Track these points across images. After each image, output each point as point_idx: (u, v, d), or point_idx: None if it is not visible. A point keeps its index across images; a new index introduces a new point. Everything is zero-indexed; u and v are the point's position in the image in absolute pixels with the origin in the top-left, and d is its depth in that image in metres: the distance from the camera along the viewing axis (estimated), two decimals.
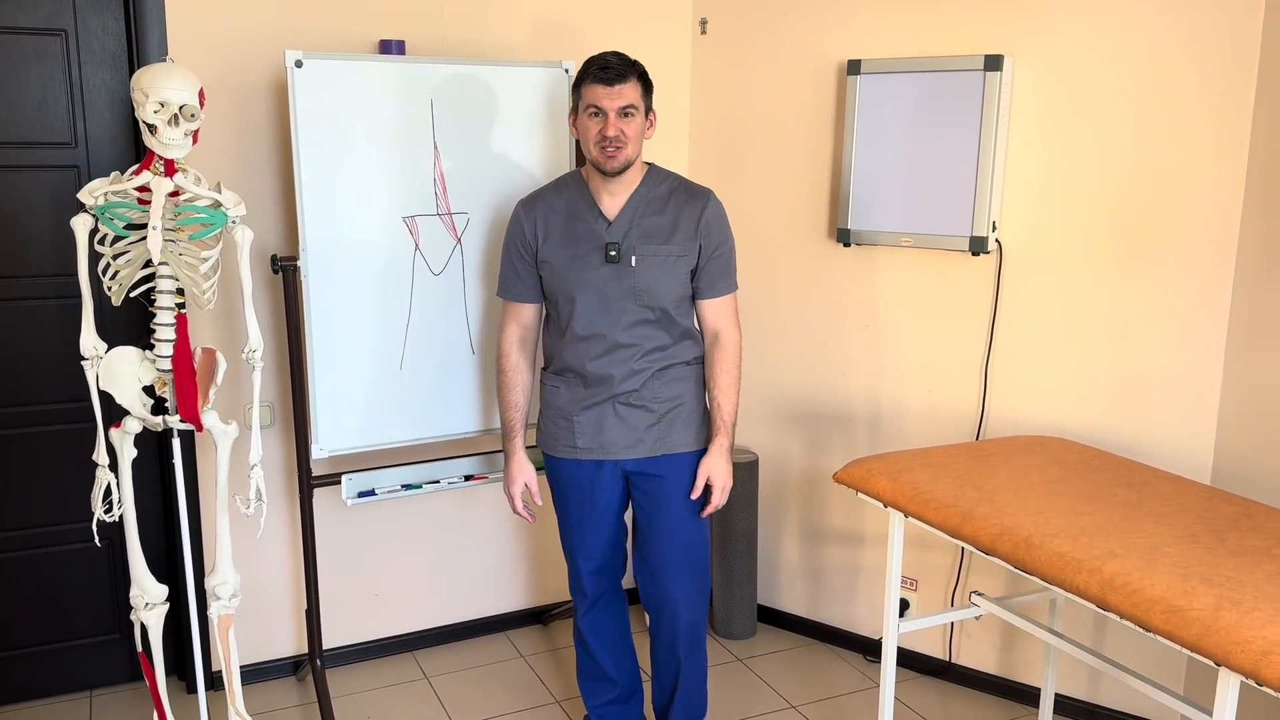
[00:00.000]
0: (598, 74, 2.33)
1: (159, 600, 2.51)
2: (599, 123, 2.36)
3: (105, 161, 2.89)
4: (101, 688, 3.16)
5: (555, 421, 2.58)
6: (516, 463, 2.62)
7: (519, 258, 2.54)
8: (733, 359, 2.53)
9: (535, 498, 2.66)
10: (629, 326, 2.48)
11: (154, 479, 3.08)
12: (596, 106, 2.35)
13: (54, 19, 2.77)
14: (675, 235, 2.46)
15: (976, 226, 2.94)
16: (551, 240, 2.49)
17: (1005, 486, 2.38)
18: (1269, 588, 1.84)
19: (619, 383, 2.50)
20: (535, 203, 2.53)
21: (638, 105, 2.37)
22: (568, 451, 2.57)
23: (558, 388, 2.57)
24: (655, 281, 2.45)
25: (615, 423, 2.52)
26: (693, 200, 2.49)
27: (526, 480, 2.63)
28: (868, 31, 3.14)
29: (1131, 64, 2.76)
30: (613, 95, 2.33)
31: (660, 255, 2.45)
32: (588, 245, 2.46)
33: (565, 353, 2.53)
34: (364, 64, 2.75)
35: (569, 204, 2.49)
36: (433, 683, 3.26)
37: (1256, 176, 2.63)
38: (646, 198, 2.47)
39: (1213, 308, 2.73)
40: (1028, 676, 3.15)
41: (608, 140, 2.35)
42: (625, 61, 2.36)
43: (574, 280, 2.46)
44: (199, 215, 2.30)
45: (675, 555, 2.58)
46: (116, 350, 2.37)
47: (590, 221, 2.47)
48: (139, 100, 2.24)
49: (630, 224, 2.46)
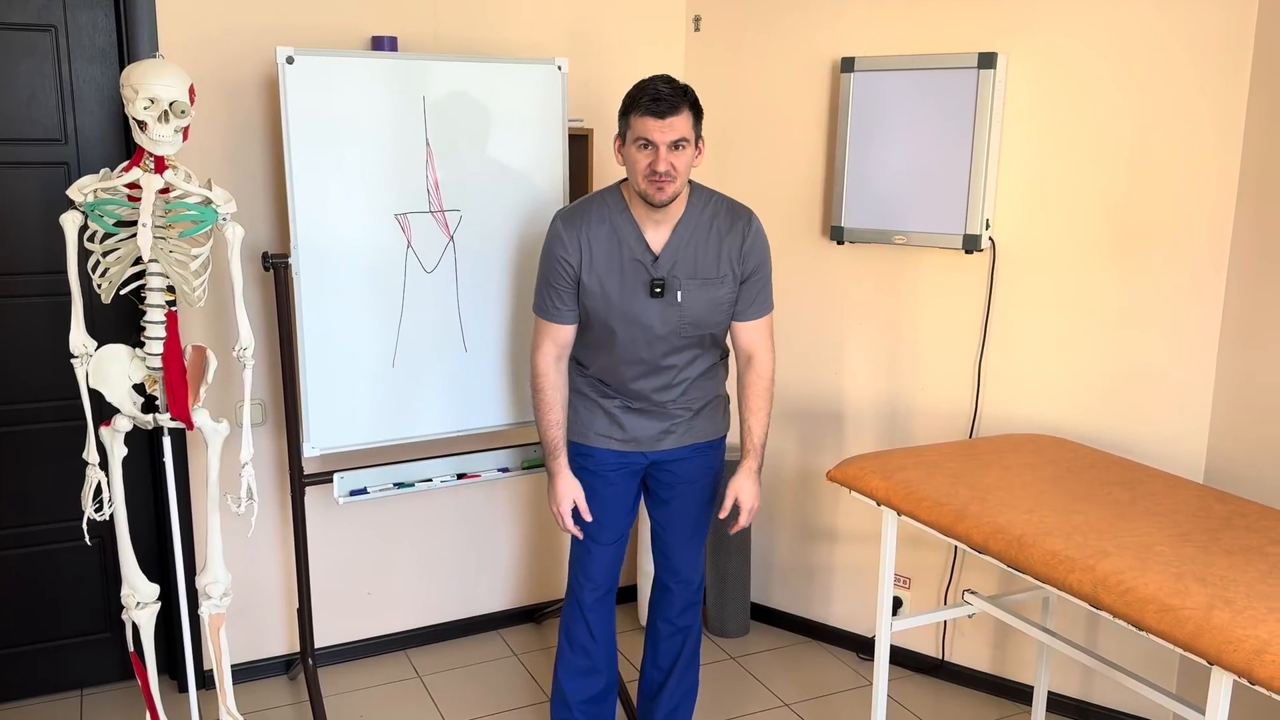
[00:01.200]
0: (649, 105, 2.21)
1: (150, 599, 2.50)
2: (649, 155, 2.25)
3: (95, 158, 2.87)
4: (92, 687, 3.15)
5: (591, 411, 2.54)
6: (564, 479, 2.51)
7: (560, 280, 2.41)
8: (766, 384, 2.51)
9: (585, 514, 2.54)
10: (672, 353, 2.45)
11: (144, 477, 3.07)
12: (647, 139, 2.24)
13: (44, 14, 2.75)
14: (720, 265, 2.41)
15: (970, 224, 2.93)
16: (596, 268, 2.38)
17: (998, 485, 2.38)
18: (1261, 587, 1.84)
19: (653, 394, 2.50)
20: (579, 223, 2.39)
21: (689, 137, 2.26)
22: (602, 441, 2.54)
23: (595, 385, 2.54)
24: (702, 313, 2.42)
25: (649, 421, 2.53)
26: (734, 225, 2.42)
27: (575, 496, 2.52)
28: (861, 29, 3.14)
29: (1125, 62, 2.75)
30: (664, 129, 2.22)
31: (706, 287, 2.41)
32: (633, 278, 2.38)
33: (604, 370, 2.49)
34: (356, 60, 2.74)
35: (613, 229, 2.38)
36: (425, 681, 3.25)
37: (1250, 174, 2.63)
38: (691, 227, 2.39)
39: (1206, 306, 2.73)
40: (1021, 675, 3.15)
41: (658, 175, 2.25)
42: (677, 91, 2.24)
43: (620, 313, 2.39)
44: (189, 212, 2.29)
45: (685, 534, 2.64)
46: (106, 348, 2.36)
47: (637, 253, 2.38)
48: (129, 96, 2.22)
49: (675, 257, 2.38)
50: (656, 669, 2.77)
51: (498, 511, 3.50)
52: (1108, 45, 2.77)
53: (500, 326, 3.05)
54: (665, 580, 2.71)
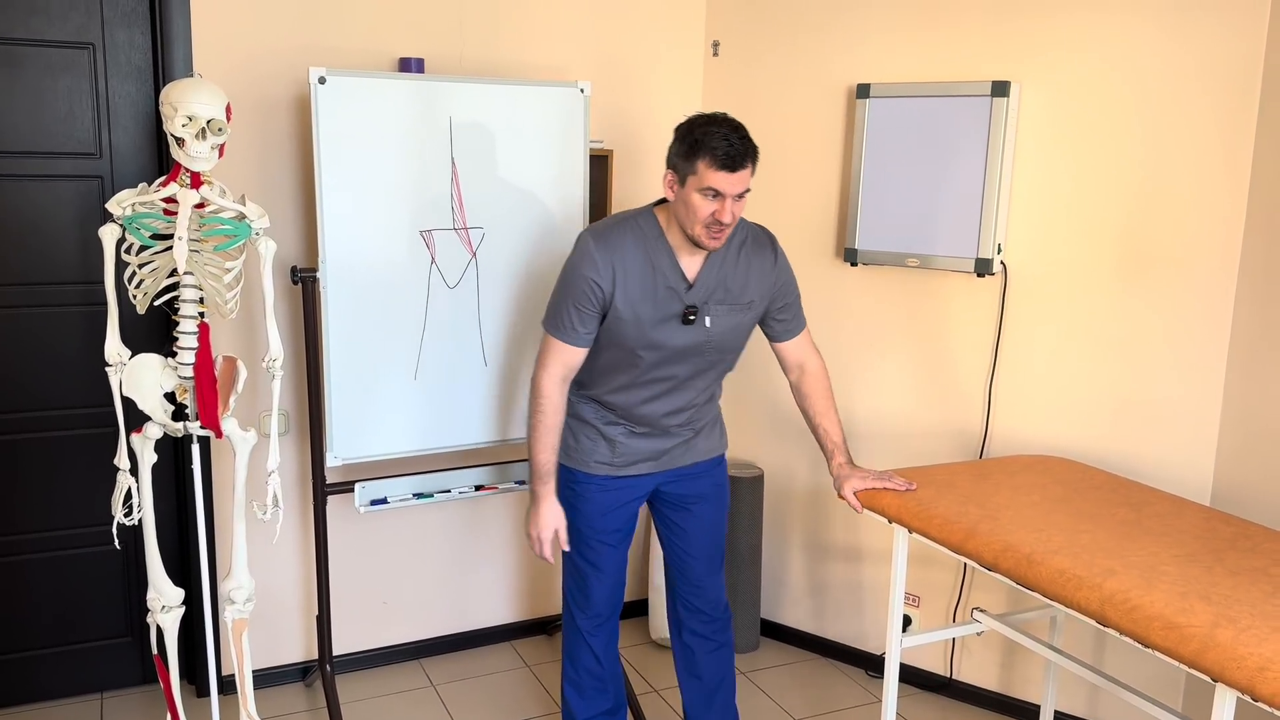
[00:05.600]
0: (724, 160, 2.17)
1: (175, 603, 2.55)
2: (713, 205, 2.21)
3: (129, 173, 2.95)
4: (112, 690, 3.20)
5: (592, 439, 2.52)
6: (550, 506, 2.48)
7: (586, 302, 2.34)
8: (825, 384, 2.56)
9: (563, 544, 2.53)
10: (691, 376, 2.46)
11: (169, 484, 3.13)
12: (716, 190, 2.20)
13: (82, 33, 2.83)
14: (748, 291, 2.43)
15: (982, 248, 2.99)
16: (629, 294, 2.33)
17: (1008, 504, 2.43)
18: (1265, 606, 1.88)
19: (662, 418, 2.49)
20: (613, 246, 2.33)
21: (749, 188, 2.26)
22: (601, 468, 2.52)
23: (598, 410, 2.51)
24: (726, 338, 2.44)
25: (650, 443, 2.52)
26: (760, 252, 2.44)
27: (558, 526, 2.49)
28: (877, 56, 3.21)
29: (1135, 90, 2.81)
30: (736, 181, 2.20)
31: (733, 313, 2.42)
32: (666, 305, 2.35)
33: (616, 393, 2.46)
34: (385, 81, 2.81)
35: (648, 256, 2.34)
36: (439, 690, 3.30)
37: (1258, 201, 2.68)
38: (722, 254, 2.39)
39: (1213, 331, 2.78)
40: (1028, 693, 3.18)
41: (722, 226, 2.24)
42: (747, 140, 2.21)
43: (651, 340, 2.37)
44: (224, 227, 2.36)
45: (703, 550, 2.64)
46: (140, 357, 2.42)
47: (671, 280, 2.35)
48: (168, 113, 2.30)
49: (709, 285, 2.38)
50: (704, 691, 2.74)
51: (512, 524, 3.55)
52: (1119, 74, 2.83)
53: (520, 342, 3.11)
54: (691, 605, 2.69)
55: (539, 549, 2.49)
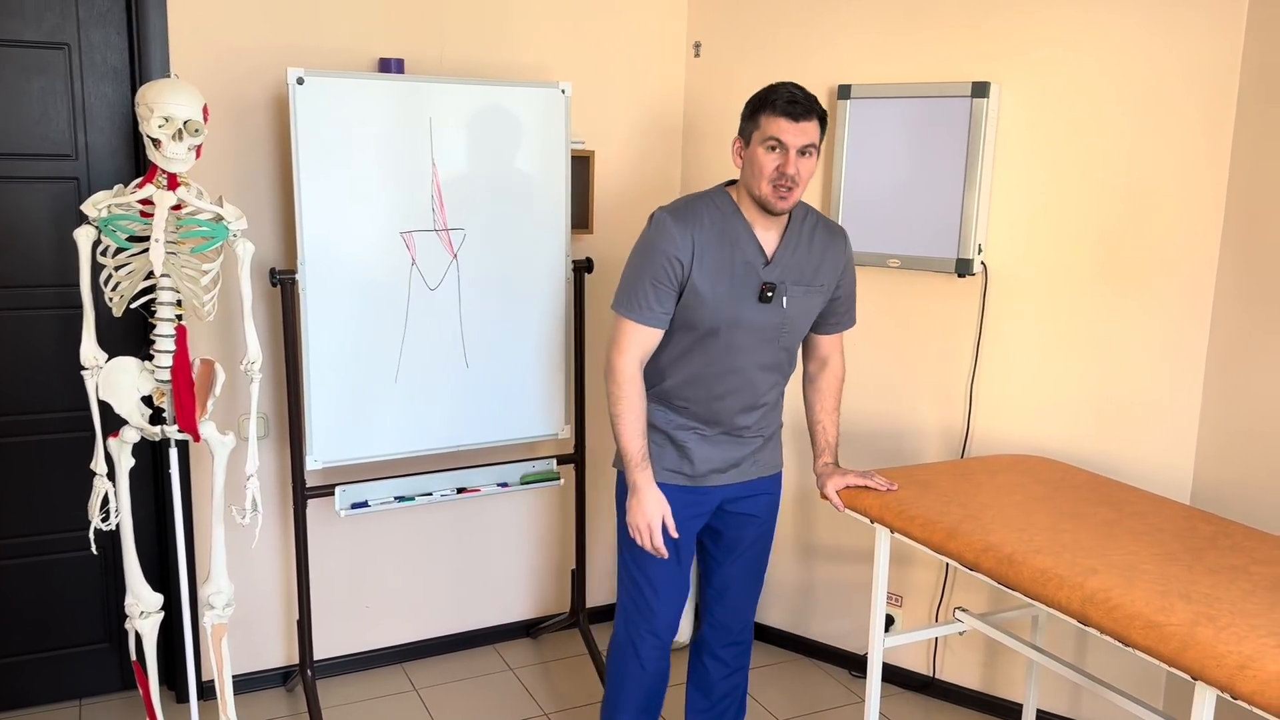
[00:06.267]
0: (785, 106, 2.16)
1: (154, 609, 2.53)
2: (777, 158, 2.19)
3: (105, 174, 2.92)
4: (91, 697, 3.17)
5: (660, 444, 2.42)
6: (651, 493, 2.33)
7: (666, 278, 2.27)
8: (839, 385, 2.56)
9: (672, 530, 2.38)
10: (765, 364, 2.38)
11: (148, 489, 3.10)
12: (778, 140, 2.17)
13: (57, 33, 2.81)
14: (819, 275, 2.38)
15: (963, 249, 3.00)
16: (707, 269, 2.27)
17: (989, 504, 2.43)
18: (1245, 604, 1.89)
19: (737, 415, 2.41)
20: (691, 221, 2.28)
21: (816, 144, 2.21)
22: (669, 476, 2.41)
23: (665, 411, 2.42)
24: (800, 321, 2.38)
25: (721, 451, 2.44)
26: (833, 239, 2.41)
27: (664, 512, 2.34)
28: (858, 57, 3.21)
29: (1115, 91, 2.82)
30: (798, 131, 2.17)
31: (808, 295, 2.37)
32: (744, 282, 2.29)
33: (688, 385, 2.37)
34: (364, 82, 2.79)
35: (724, 231, 2.29)
36: (422, 695, 3.28)
37: (1236, 203, 2.69)
38: (798, 234, 2.35)
39: (1193, 331, 2.80)
40: (1010, 692, 3.19)
41: (785, 178, 2.19)
42: (811, 97, 2.20)
43: (729, 316, 2.29)
44: (201, 228, 2.34)
45: (749, 573, 2.59)
46: (116, 360, 2.40)
47: (749, 256, 2.29)
48: (144, 114, 2.28)
49: (786, 263, 2.33)
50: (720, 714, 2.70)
51: (496, 526, 3.54)
52: (1098, 76, 2.84)
53: (501, 344, 3.10)
54: (721, 631, 2.63)
55: (646, 539, 2.35)
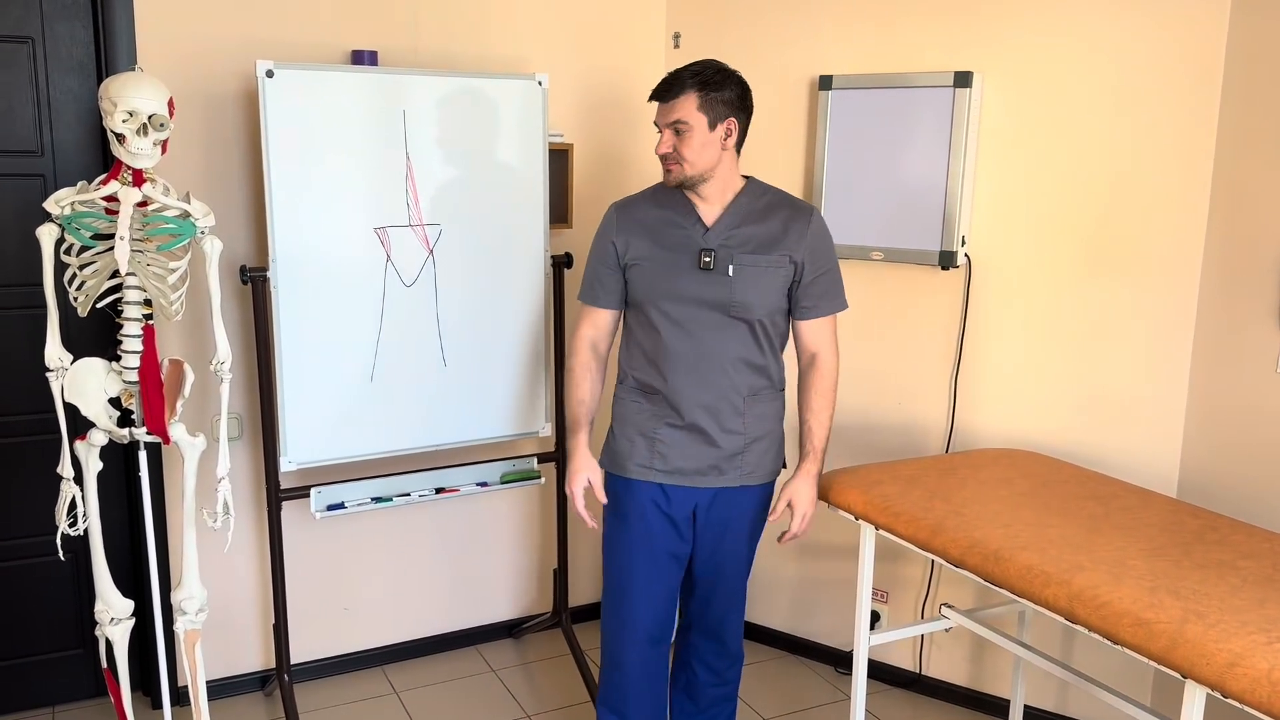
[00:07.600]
0: (656, 92, 2.30)
1: (124, 615, 2.48)
2: (659, 138, 2.30)
3: (72, 170, 2.86)
4: (64, 704, 3.11)
5: (631, 439, 2.42)
6: (580, 457, 2.42)
7: (603, 261, 2.43)
8: (829, 383, 2.43)
9: (599, 495, 2.45)
10: (721, 341, 2.34)
11: (119, 492, 3.04)
12: (656, 123, 2.32)
13: (21, 26, 2.74)
14: (777, 247, 2.34)
15: (946, 241, 2.96)
16: (642, 243, 2.38)
17: (974, 499, 2.40)
18: (1234, 601, 1.86)
19: (707, 404, 2.36)
20: (629, 204, 2.44)
21: (689, 120, 2.26)
22: (641, 472, 2.41)
23: (638, 402, 2.42)
24: (750, 292, 2.32)
25: (698, 447, 2.39)
26: (797, 214, 2.38)
27: (590, 475, 2.42)
28: (839, 47, 3.17)
29: (1099, 82, 2.80)
30: (665, 111, 2.29)
31: (759, 265, 2.33)
32: (681, 251, 2.35)
33: (650, 368, 2.39)
34: (336, 74, 2.74)
35: (664, 206, 2.40)
36: (402, 698, 3.23)
37: (1220, 194, 2.67)
38: (746, 208, 2.37)
39: (1178, 323, 2.77)
40: (997, 688, 3.17)
41: (664, 157, 2.31)
42: (687, 73, 2.26)
43: (665, 288, 2.34)
44: (167, 225, 2.28)
45: (729, 583, 2.52)
46: (82, 361, 2.34)
47: (686, 227, 2.36)
48: (107, 109, 2.22)
49: (728, 231, 2.34)
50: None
51: (476, 526, 3.49)
52: (1082, 66, 2.81)
53: (479, 341, 3.05)
54: (700, 644, 2.59)
55: (573, 503, 2.43)
